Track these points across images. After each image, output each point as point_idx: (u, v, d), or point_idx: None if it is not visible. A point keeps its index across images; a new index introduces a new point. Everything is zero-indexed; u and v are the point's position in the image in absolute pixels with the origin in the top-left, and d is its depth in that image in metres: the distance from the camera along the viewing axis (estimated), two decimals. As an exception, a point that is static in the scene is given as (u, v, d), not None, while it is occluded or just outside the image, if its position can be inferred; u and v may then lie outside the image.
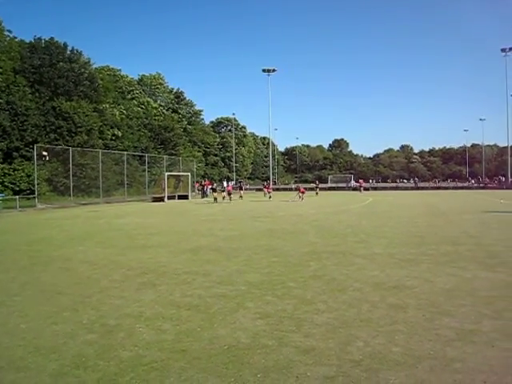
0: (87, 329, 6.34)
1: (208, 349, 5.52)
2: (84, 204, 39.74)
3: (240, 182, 67.23)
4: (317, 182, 62.92)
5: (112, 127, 57.17)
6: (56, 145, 45.45)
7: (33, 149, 39.07)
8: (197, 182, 57.26)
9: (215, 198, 39.35)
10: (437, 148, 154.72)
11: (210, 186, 51.78)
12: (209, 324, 6.43)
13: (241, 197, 46.01)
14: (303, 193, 40.88)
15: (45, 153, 40.01)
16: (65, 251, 13.01)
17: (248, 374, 4.80)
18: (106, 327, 6.39)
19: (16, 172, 42.10)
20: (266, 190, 47.97)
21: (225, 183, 56.31)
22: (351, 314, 6.77)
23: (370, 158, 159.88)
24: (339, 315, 6.71)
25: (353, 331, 6.04)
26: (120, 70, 77.29)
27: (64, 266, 10.73)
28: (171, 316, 6.82)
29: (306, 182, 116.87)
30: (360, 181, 73.82)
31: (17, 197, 35.34)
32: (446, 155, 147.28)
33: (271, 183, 59.30)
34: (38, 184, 38.72)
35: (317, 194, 53.73)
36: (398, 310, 6.93)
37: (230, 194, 40.61)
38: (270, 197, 43.74)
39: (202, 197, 49.93)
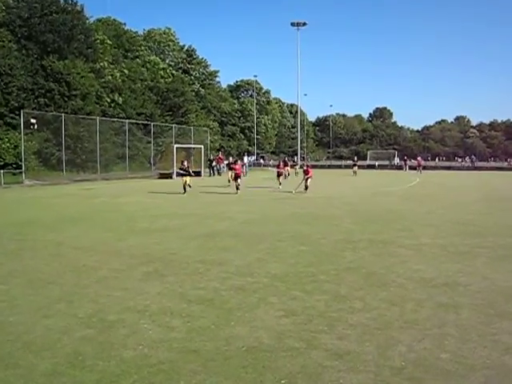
0: (84, 324, 6.48)
1: (224, 350, 5.61)
2: (78, 180, 40.23)
3: (303, 158, 64.12)
4: (355, 158, 60.02)
5: (112, 91, 57.44)
6: (46, 111, 45.84)
7: (19, 115, 39.44)
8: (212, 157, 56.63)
9: (184, 187, 27.36)
10: (499, 121, 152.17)
11: (225, 163, 51.07)
12: (225, 321, 6.52)
13: (296, 173, 44.42)
14: (309, 177, 28.48)
15: (33, 120, 40.42)
16: (57, 235, 13.26)
17: (270, 380, 4.87)
18: (106, 322, 6.53)
19: (0, 142, 42.63)
20: (278, 169, 34.64)
21: (245, 158, 54.80)
22: (393, 313, 6.81)
23: (417, 132, 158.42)
24: (378, 315, 6.75)
25: (394, 334, 6.07)
26: (124, 23, 77.36)
27: (56, 252, 10.95)
28: (181, 311, 6.94)
29: (340, 158, 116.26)
30: (418, 159, 69.96)
31: (1, 171, 35.75)
32: (511, 129, 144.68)
33: (299, 159, 57.13)
34: (25, 157, 39.17)
35: (355, 173, 52.32)
36: (448, 310, 6.93)
37: (237, 177, 28.19)
38: (280, 183, 32.56)
39: (211, 174, 49.21)
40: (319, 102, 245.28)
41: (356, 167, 54.47)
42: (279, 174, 33.25)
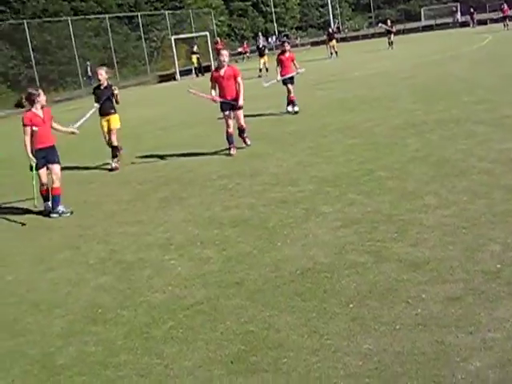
0: (97, 270, 6.70)
1: (272, 277, 5.73)
2: (59, 101, 40.06)
3: (338, 30, 57.59)
4: (388, 22, 46.47)
5: (81, -21, 56.18)
6: (2, 20, 45.10)
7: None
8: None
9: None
10: None
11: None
12: (269, 243, 6.64)
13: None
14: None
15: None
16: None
17: (335, 306, 4.98)
18: (123, 265, 6.73)
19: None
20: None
21: (260, 41, 52.31)
22: (478, 207, 6.81)
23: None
24: (460, 210, 6.76)
25: (483, 231, 6.09)
26: None
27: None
28: (213, 239, 7.09)
29: (385, 23, 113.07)
30: (504, 7, 61.73)
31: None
32: None
33: (334, 29, 53.24)
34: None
35: (390, 44, 43.39)
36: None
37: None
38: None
39: (197, 75, 46.04)
40: None
41: (392, 35, 44.27)
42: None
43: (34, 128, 9.43)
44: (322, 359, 4.17)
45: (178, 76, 44.39)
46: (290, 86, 16.51)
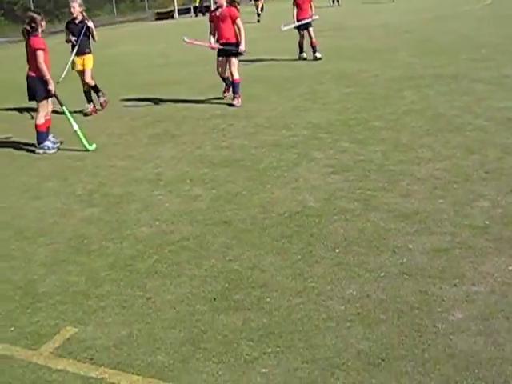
0: (84, 202, 6.67)
1: (260, 218, 5.74)
2: (54, 33, 39.42)
3: None
4: None
5: None
6: None
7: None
8: None
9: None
10: None
11: None
12: (259, 185, 6.64)
13: None
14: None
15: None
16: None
17: (321, 249, 4.99)
18: (111, 198, 6.70)
19: None
20: None
21: None
22: (471, 162, 6.79)
23: None
24: (452, 165, 6.74)
25: (474, 187, 6.08)
26: None
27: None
28: (203, 177, 7.08)
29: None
30: None
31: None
32: None
33: None
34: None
35: None
36: (543, 154, 6.89)
37: None
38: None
39: (197, 14, 44.43)
40: None
41: None
42: None
43: None
44: (304, 301, 4.20)
45: (176, 14, 43.71)
46: (305, 31, 16.03)
